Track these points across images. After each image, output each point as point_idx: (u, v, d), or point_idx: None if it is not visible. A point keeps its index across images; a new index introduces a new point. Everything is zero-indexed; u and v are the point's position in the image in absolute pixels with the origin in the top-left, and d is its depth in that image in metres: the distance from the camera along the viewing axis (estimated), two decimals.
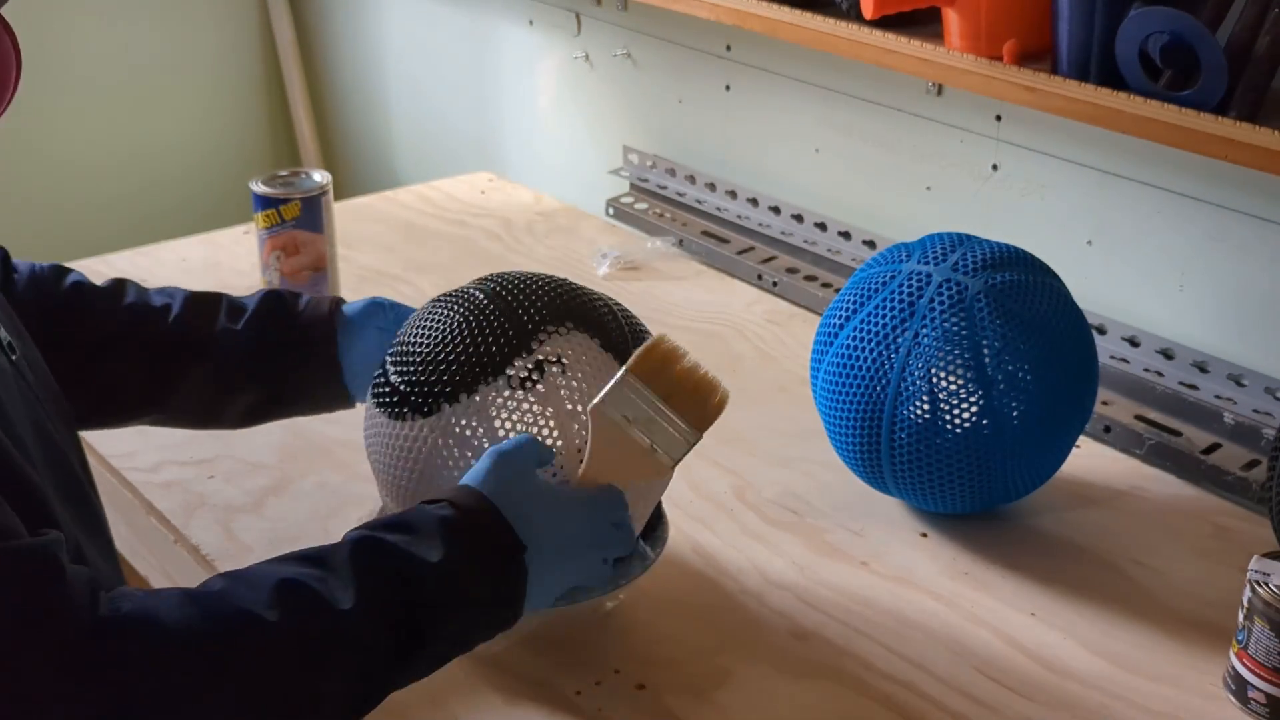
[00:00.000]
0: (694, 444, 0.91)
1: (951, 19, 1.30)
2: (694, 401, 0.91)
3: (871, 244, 1.58)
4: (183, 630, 0.74)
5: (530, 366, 0.96)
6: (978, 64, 1.28)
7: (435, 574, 0.82)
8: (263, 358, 1.08)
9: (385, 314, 1.09)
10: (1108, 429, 1.30)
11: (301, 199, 1.50)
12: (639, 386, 0.89)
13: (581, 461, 0.92)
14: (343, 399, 1.10)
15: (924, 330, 1.09)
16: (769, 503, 1.21)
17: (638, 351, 0.91)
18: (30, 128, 2.34)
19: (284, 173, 1.54)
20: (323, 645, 0.78)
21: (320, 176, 1.54)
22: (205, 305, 1.09)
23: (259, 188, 1.51)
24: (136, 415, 1.11)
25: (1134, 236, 1.34)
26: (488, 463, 0.89)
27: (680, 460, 0.92)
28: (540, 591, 0.88)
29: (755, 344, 1.50)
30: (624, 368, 0.90)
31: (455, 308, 0.98)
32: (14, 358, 0.87)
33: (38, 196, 2.36)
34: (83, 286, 1.08)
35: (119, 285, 1.09)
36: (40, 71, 2.33)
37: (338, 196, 1.61)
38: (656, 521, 1.05)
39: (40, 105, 2.35)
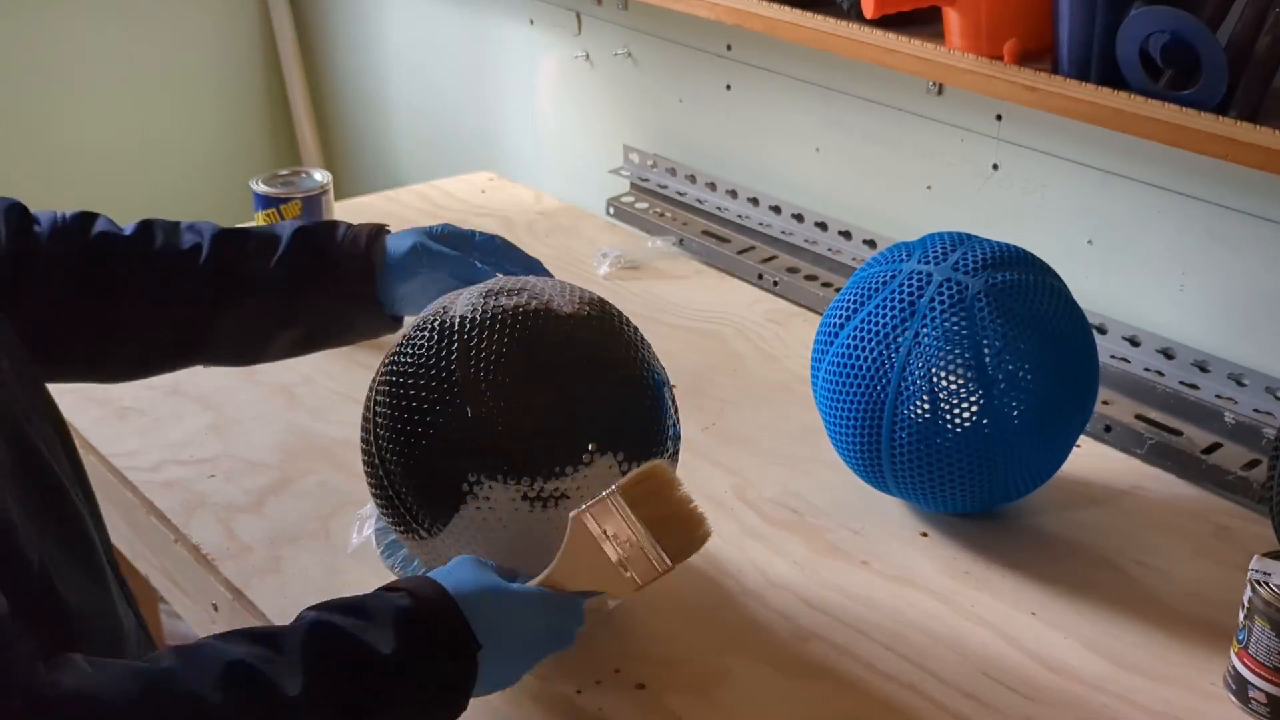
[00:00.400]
0: (665, 573, 0.90)
1: (952, 18, 1.30)
2: (677, 532, 0.90)
3: (872, 243, 1.58)
4: (123, 711, 0.73)
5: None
6: (978, 63, 1.28)
7: (385, 666, 0.81)
8: (298, 298, 1.07)
9: (430, 258, 1.08)
10: (1108, 428, 1.30)
11: (302, 198, 1.50)
12: (625, 508, 0.89)
13: (551, 561, 0.91)
14: (388, 325, 1.10)
15: (924, 330, 1.09)
16: (769, 502, 1.21)
17: (633, 473, 0.91)
18: (31, 127, 2.34)
19: (284, 172, 1.55)
20: None
21: (321, 176, 1.54)
22: (235, 245, 1.07)
23: (260, 187, 1.51)
24: (173, 363, 1.10)
25: (1135, 236, 1.34)
26: (457, 559, 0.90)
27: (646, 586, 0.90)
28: (490, 685, 0.88)
29: (756, 343, 1.50)
30: (615, 485, 0.90)
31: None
32: None
33: (38, 195, 2.35)
34: (109, 235, 1.05)
35: (146, 230, 1.07)
36: (41, 71, 2.33)
37: (338, 196, 1.61)
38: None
39: (41, 104, 2.35)
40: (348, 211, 1.83)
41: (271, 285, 1.06)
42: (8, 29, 2.27)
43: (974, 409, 1.08)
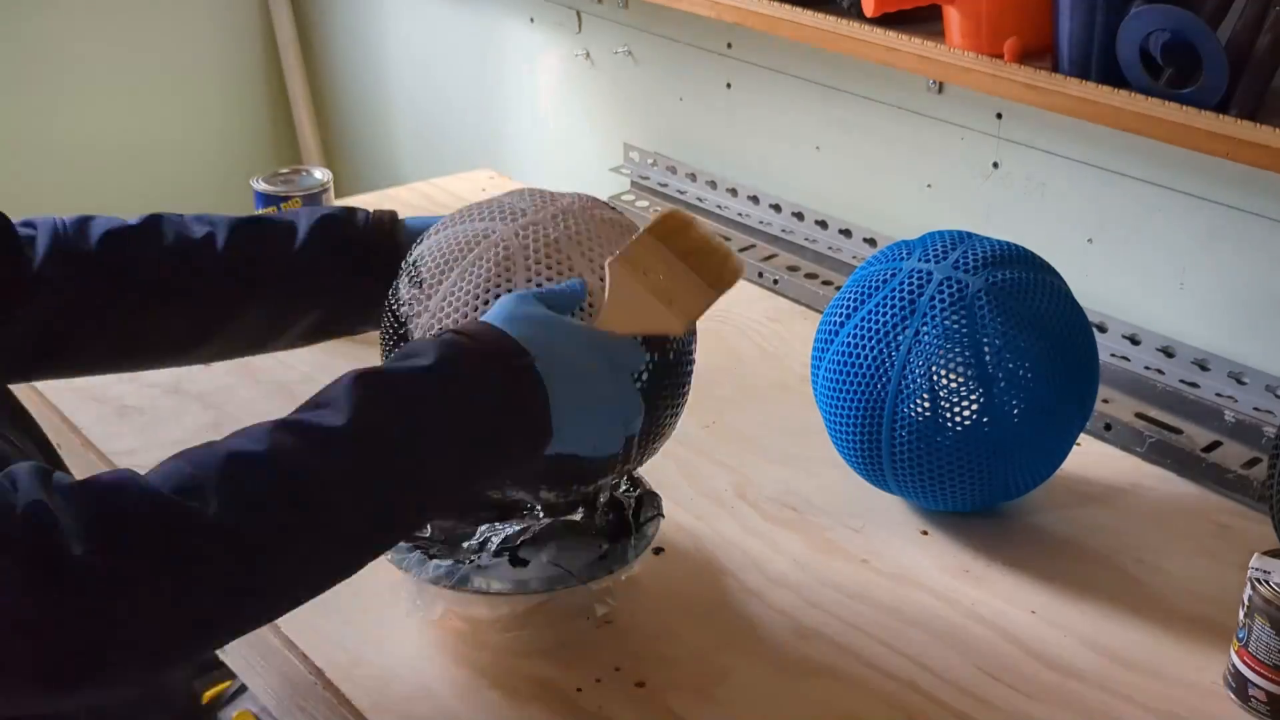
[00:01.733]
0: (711, 303, 0.92)
1: (952, 16, 1.30)
2: (709, 265, 0.93)
3: (872, 242, 1.58)
4: (174, 479, 0.72)
5: None
6: (979, 61, 1.28)
7: (428, 374, 0.79)
8: (321, 285, 1.05)
9: None
10: (1108, 427, 1.30)
11: (302, 196, 1.50)
12: (657, 245, 0.90)
13: (595, 314, 0.91)
14: None
15: (925, 328, 1.09)
16: (769, 500, 1.21)
17: (654, 217, 0.93)
18: (31, 125, 2.34)
19: (285, 170, 1.55)
20: (317, 459, 0.76)
21: (321, 174, 1.54)
22: (253, 235, 1.05)
23: (260, 185, 1.51)
24: (189, 356, 1.08)
25: (1135, 234, 1.34)
26: (501, 300, 0.88)
27: (696, 320, 0.92)
28: (564, 415, 0.83)
29: (756, 342, 1.50)
30: (643, 229, 0.91)
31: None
32: None
33: (38, 193, 2.36)
34: (115, 235, 1.01)
35: (155, 224, 1.03)
36: (41, 69, 2.33)
37: (339, 194, 1.61)
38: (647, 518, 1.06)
39: (41, 102, 2.35)
40: None
41: (293, 273, 1.04)
42: (8, 27, 2.27)
43: (974, 407, 1.08)
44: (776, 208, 1.69)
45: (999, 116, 1.41)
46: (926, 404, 1.09)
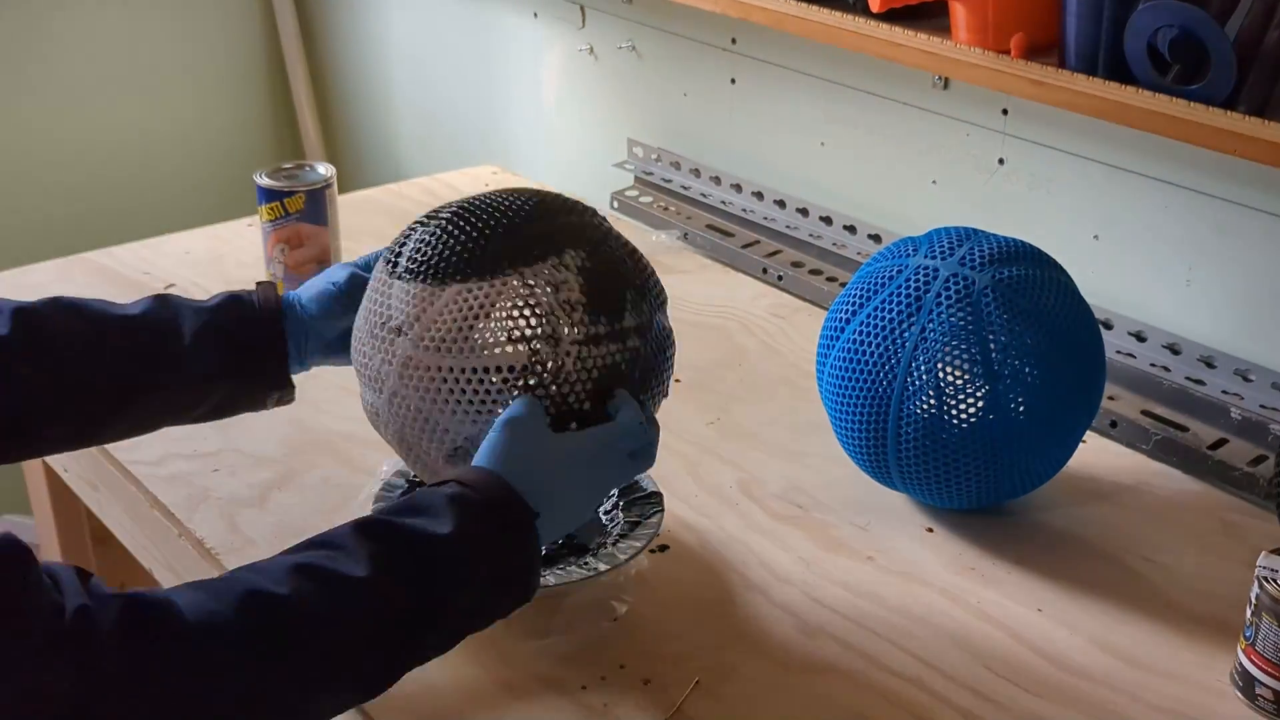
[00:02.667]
0: None
1: (958, 12, 1.29)
2: None
3: (877, 238, 1.58)
4: (195, 609, 0.75)
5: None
6: (985, 57, 1.27)
7: (446, 544, 0.82)
8: (212, 386, 1.05)
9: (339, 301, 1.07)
10: (1114, 424, 1.29)
11: (306, 192, 1.50)
12: None
13: None
14: (289, 401, 1.10)
15: (930, 325, 1.09)
16: (774, 497, 1.20)
17: None
18: (33, 120, 2.34)
19: (288, 165, 1.54)
20: (339, 610, 0.79)
21: (324, 169, 1.54)
22: (140, 338, 1.03)
23: (263, 180, 1.50)
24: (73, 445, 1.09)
25: (1141, 231, 1.33)
26: (497, 435, 0.90)
27: None
28: (564, 527, 0.91)
29: (760, 338, 1.49)
30: None
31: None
32: None
33: (40, 189, 2.36)
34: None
35: (26, 325, 0.98)
36: (44, 63, 2.33)
37: (342, 189, 1.61)
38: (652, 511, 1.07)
39: (44, 97, 2.35)
40: (352, 204, 1.83)
41: (185, 379, 1.03)
42: (10, 23, 2.27)
43: (980, 404, 1.08)
44: (781, 203, 1.69)
45: (1005, 112, 1.41)
46: (932, 401, 1.09)
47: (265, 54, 2.57)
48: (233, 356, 1.04)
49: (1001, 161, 1.43)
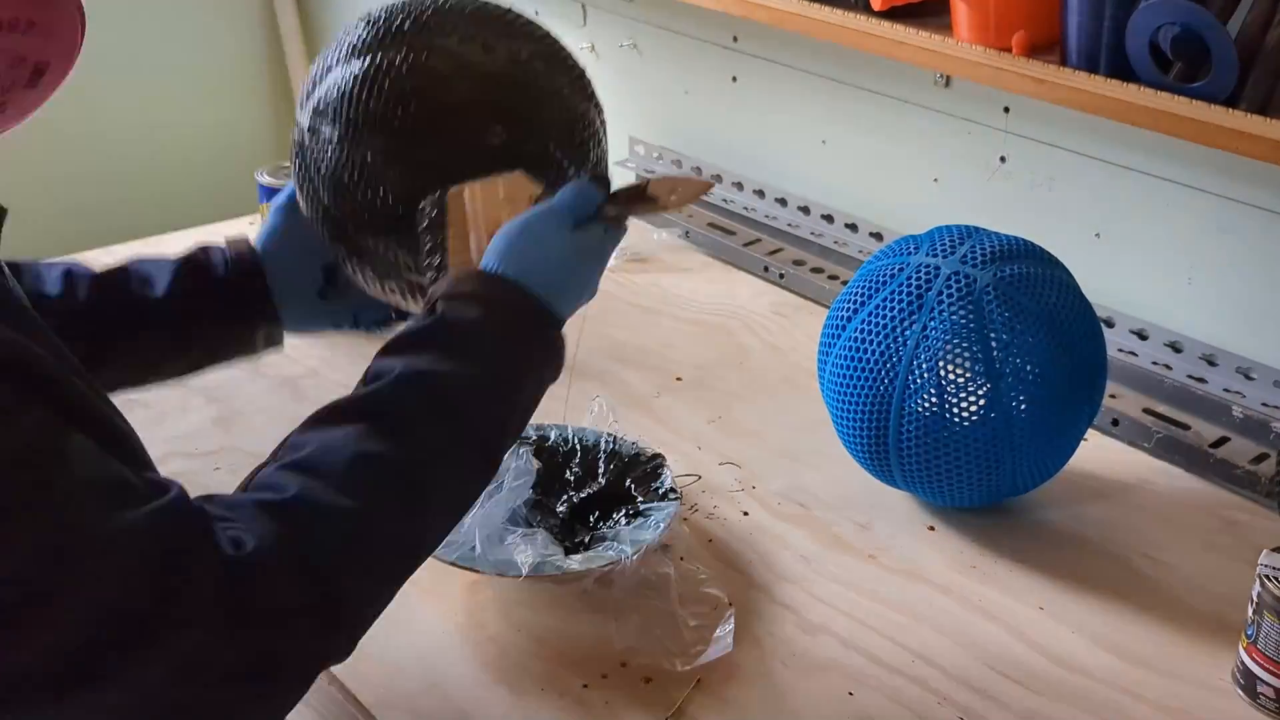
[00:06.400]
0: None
1: (960, 10, 1.29)
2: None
3: (879, 236, 1.57)
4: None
5: None
6: (986, 55, 1.27)
7: (491, 393, 0.85)
8: (190, 334, 1.05)
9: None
10: (1116, 422, 1.29)
11: None
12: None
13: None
14: (278, 341, 1.09)
15: (932, 323, 1.09)
16: (776, 495, 1.20)
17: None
18: (35, 120, 2.34)
19: (289, 163, 1.54)
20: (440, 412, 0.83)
21: None
22: (114, 285, 1.03)
23: (265, 178, 1.50)
24: None
25: (1143, 229, 1.33)
26: (502, 242, 0.91)
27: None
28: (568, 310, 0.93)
29: (762, 336, 1.49)
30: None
31: None
32: None
33: (42, 188, 2.36)
34: None
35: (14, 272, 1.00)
36: None
37: None
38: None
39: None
40: None
41: (162, 323, 1.03)
42: None
43: (981, 402, 1.08)
44: (782, 201, 1.69)
45: (1006, 110, 1.41)
46: (933, 399, 1.09)
47: (266, 51, 2.57)
48: (212, 288, 1.04)
49: (1003, 159, 1.43)
